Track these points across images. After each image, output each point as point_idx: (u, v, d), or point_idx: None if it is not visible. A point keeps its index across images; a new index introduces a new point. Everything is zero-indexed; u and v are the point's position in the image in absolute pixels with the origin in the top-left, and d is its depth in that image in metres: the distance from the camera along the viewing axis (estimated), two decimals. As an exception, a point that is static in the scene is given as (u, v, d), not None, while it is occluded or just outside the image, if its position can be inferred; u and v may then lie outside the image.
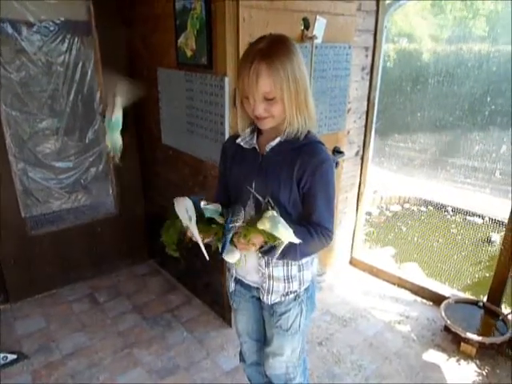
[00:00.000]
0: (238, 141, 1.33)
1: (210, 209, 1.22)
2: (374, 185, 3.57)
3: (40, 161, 2.74)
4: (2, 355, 2.23)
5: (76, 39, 2.65)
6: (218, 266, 2.44)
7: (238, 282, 1.50)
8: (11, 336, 2.45)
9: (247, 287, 1.46)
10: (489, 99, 2.89)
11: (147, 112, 2.78)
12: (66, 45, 2.63)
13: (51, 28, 2.54)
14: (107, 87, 1.24)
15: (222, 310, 2.60)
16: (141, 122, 2.90)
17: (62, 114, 2.76)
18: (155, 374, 2.20)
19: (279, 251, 1.17)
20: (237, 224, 1.15)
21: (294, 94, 1.16)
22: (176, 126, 2.50)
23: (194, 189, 2.47)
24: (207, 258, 1.22)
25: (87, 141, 2.89)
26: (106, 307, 2.75)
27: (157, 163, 2.86)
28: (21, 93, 2.57)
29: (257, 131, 1.32)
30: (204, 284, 2.71)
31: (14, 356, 2.25)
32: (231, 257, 1.23)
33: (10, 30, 2.42)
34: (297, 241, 1.14)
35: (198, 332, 2.52)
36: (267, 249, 1.18)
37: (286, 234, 1.13)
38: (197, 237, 1.20)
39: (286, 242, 1.14)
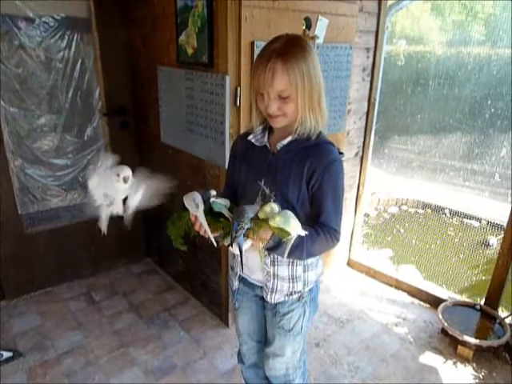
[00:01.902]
0: (250, 138, 1.33)
1: (219, 202, 1.21)
2: (372, 186, 3.57)
3: (38, 158, 2.72)
4: (-2, 352, 2.22)
5: (76, 36, 2.63)
6: (215, 266, 2.44)
7: (241, 280, 1.49)
8: (6, 333, 2.43)
9: (251, 286, 1.46)
10: (489, 102, 2.89)
11: (146, 110, 2.77)
12: (65, 41, 2.61)
13: (51, 24, 2.53)
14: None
15: (219, 310, 2.59)
16: (140, 120, 2.89)
17: (60, 110, 2.74)
18: (151, 374, 2.19)
19: (285, 249, 1.16)
20: (243, 228, 1.13)
21: (308, 93, 1.17)
22: (176, 124, 2.48)
23: (194, 188, 2.45)
24: (215, 244, 1.22)
25: (86, 138, 2.87)
26: (103, 306, 2.73)
27: (155, 162, 2.84)
28: (19, 89, 2.55)
29: (268, 129, 1.32)
30: (201, 284, 2.70)
31: (10, 354, 2.24)
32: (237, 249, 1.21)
33: (9, 25, 2.40)
34: (303, 233, 1.13)
35: (195, 332, 2.51)
36: (273, 245, 1.17)
37: (296, 226, 1.12)
38: (204, 224, 1.19)
39: (295, 236, 1.13)
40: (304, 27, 2.13)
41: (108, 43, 2.66)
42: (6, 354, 2.23)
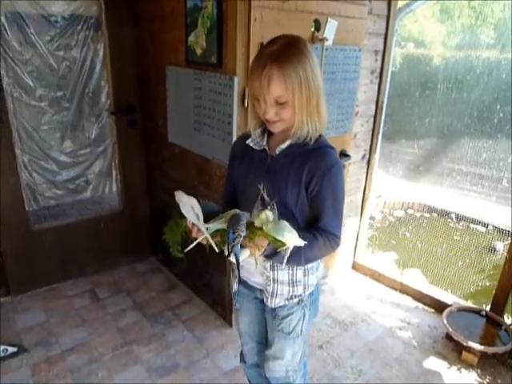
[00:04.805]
0: (248, 142, 1.32)
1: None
2: (378, 189, 3.57)
3: (45, 155, 2.75)
4: (3, 347, 2.22)
5: (85, 34, 2.65)
6: (220, 265, 2.44)
7: (241, 282, 1.49)
8: (11, 329, 2.45)
9: (251, 288, 1.45)
10: (498, 107, 2.88)
11: (154, 109, 2.78)
12: (75, 40, 2.63)
13: (61, 23, 2.54)
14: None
15: (222, 309, 2.59)
16: (147, 119, 2.90)
17: (68, 108, 2.76)
18: (154, 372, 2.19)
19: (283, 256, 1.15)
20: (240, 236, 1.11)
21: (305, 97, 1.14)
22: (183, 124, 2.49)
23: (200, 188, 2.46)
24: (217, 250, 1.21)
25: (93, 136, 2.89)
26: (107, 303, 2.74)
27: (162, 161, 2.85)
28: (28, 86, 2.57)
29: (267, 133, 1.31)
30: (205, 283, 2.70)
31: (15, 349, 2.25)
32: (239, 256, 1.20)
33: (20, 23, 2.42)
34: (301, 243, 1.12)
35: (199, 331, 2.51)
36: (270, 252, 1.17)
37: (291, 238, 1.10)
38: (207, 236, 1.18)
39: (291, 246, 1.12)
40: (313, 29, 2.13)
41: (117, 42, 2.67)
42: (11, 350, 2.25)
